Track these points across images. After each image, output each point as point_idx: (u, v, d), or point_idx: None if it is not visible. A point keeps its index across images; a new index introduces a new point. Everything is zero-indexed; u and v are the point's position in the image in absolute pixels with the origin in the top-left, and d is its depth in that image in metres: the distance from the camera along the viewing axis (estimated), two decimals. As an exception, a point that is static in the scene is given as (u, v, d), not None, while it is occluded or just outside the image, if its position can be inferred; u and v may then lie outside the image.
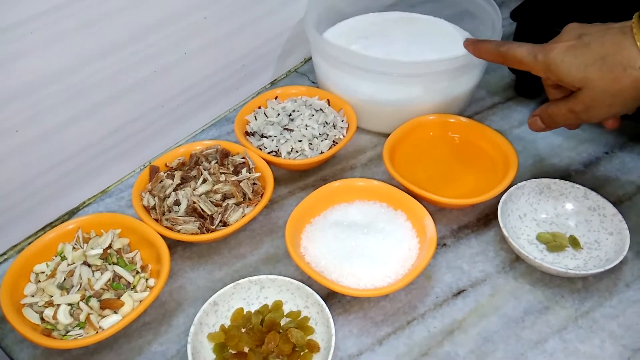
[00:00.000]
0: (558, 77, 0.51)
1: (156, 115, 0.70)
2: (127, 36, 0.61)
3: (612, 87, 0.49)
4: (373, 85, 0.69)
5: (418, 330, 0.54)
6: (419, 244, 0.58)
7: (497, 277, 0.58)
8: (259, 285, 0.55)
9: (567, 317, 0.55)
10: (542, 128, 0.58)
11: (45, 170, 0.61)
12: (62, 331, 0.51)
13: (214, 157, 0.65)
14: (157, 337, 0.54)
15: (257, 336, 0.51)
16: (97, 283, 0.54)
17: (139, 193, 0.62)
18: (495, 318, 0.55)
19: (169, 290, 0.58)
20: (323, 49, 0.70)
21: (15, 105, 0.55)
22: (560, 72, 0.51)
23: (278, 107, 0.73)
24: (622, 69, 0.48)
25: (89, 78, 0.60)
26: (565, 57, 0.50)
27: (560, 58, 0.51)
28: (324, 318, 0.51)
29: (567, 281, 0.57)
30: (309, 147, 0.67)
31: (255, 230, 0.63)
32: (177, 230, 0.58)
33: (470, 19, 0.80)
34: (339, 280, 0.54)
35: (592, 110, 0.51)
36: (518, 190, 0.62)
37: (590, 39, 0.50)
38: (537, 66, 0.53)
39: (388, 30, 0.81)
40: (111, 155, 0.67)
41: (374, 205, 0.61)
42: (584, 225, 0.61)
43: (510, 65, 0.57)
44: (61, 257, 0.57)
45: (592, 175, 0.68)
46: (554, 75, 0.52)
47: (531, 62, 0.53)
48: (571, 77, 0.50)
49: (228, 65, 0.76)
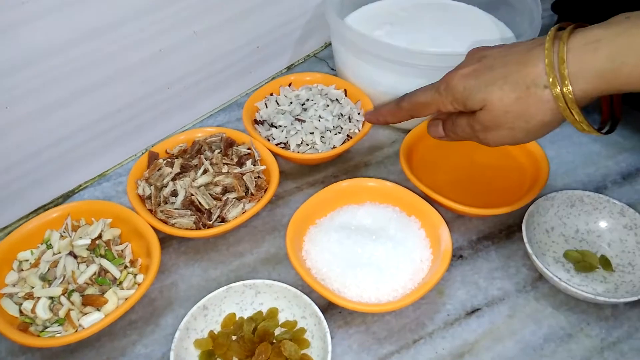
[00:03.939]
0: (463, 105, 0.47)
1: (161, 97, 0.66)
2: (132, 11, 0.57)
3: (514, 108, 0.43)
4: (395, 76, 0.64)
5: (424, 351, 0.49)
6: (431, 256, 0.53)
7: (516, 296, 0.53)
8: (254, 290, 0.50)
9: (592, 347, 0.49)
10: (442, 136, 0.53)
11: (39, 150, 0.58)
12: (40, 326, 0.48)
13: (217, 146, 0.61)
14: (142, 337, 0.51)
15: (248, 346, 0.47)
16: (82, 276, 0.50)
17: (134, 180, 0.58)
18: (511, 343, 0.50)
19: (159, 287, 0.54)
20: (343, 35, 0.65)
21: (8, 80, 0.52)
22: (463, 98, 0.46)
23: (291, 94, 0.68)
24: (525, 88, 0.42)
25: (90, 54, 0.56)
26: (466, 82, 0.46)
27: (462, 84, 0.46)
28: (321, 332, 0.47)
29: (595, 307, 0.52)
30: (321, 140, 0.62)
31: (257, 227, 0.59)
32: (171, 223, 0.54)
33: (507, 8, 0.73)
34: (340, 291, 0.50)
35: (491, 132, 0.46)
36: (547, 202, 0.56)
37: (492, 61, 0.45)
38: (445, 100, 0.48)
39: (416, 16, 0.75)
40: (111, 137, 0.64)
41: (386, 209, 0.56)
42: (617, 245, 0.55)
43: (418, 115, 0.52)
44: (47, 245, 0.53)
45: (631, 188, 0.62)
46: (460, 104, 0.47)
47: (437, 98, 0.49)
48: (471, 99, 0.45)
49: (242, 46, 0.71)
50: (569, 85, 0.41)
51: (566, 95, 0.41)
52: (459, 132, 0.50)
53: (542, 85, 0.42)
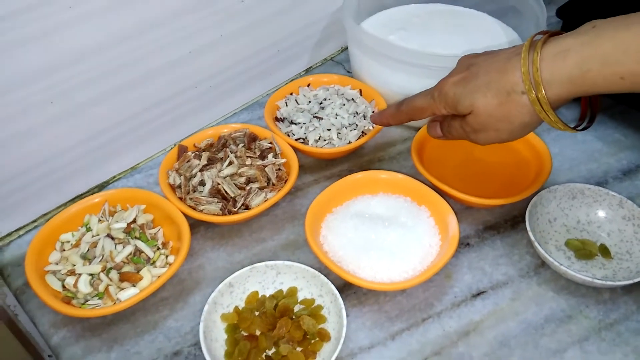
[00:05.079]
0: (455, 109, 0.51)
1: (189, 96, 0.71)
2: (164, 16, 0.62)
3: (497, 112, 0.48)
4: (407, 77, 0.68)
5: (433, 329, 0.53)
6: (440, 242, 0.57)
7: (519, 281, 0.57)
8: (275, 270, 0.55)
9: (590, 327, 0.53)
10: (439, 136, 0.57)
11: (77, 143, 0.63)
12: (81, 300, 0.53)
13: (241, 141, 0.66)
14: (172, 313, 0.55)
15: (270, 320, 0.51)
16: (119, 256, 0.55)
17: (166, 171, 0.62)
18: (514, 323, 0.53)
19: (188, 268, 0.59)
20: (359, 39, 0.69)
21: (53, 77, 0.57)
22: (454, 103, 0.51)
23: (310, 94, 0.73)
24: (505, 94, 0.47)
25: (124, 55, 0.61)
26: (455, 89, 0.50)
27: (452, 91, 0.50)
28: (337, 308, 0.51)
29: (594, 291, 0.55)
30: (337, 136, 0.67)
31: (278, 216, 0.64)
32: (199, 210, 0.59)
33: (515, 14, 0.77)
34: (355, 272, 0.54)
35: (480, 134, 0.51)
36: (549, 194, 0.60)
37: (478, 69, 0.49)
38: (439, 105, 0.53)
39: (429, 22, 0.79)
40: (143, 132, 0.69)
41: (398, 199, 0.60)
42: (616, 235, 0.59)
43: (416, 117, 0.57)
44: (87, 228, 0.58)
45: (631, 183, 0.66)
46: (452, 108, 0.52)
47: (431, 104, 0.53)
48: (461, 105, 0.50)
49: (263, 49, 0.76)
50: (543, 91, 0.45)
51: (541, 100, 0.46)
52: (454, 132, 0.54)
53: (519, 92, 0.46)
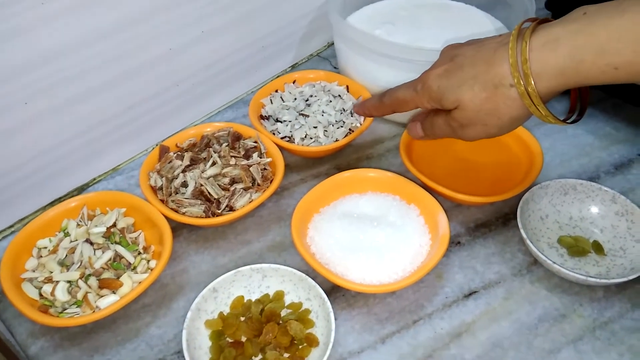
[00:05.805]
0: (439, 103, 0.50)
1: (171, 94, 0.69)
2: (143, 12, 0.60)
3: (485, 106, 0.46)
4: (394, 72, 0.66)
5: (424, 331, 0.52)
6: (430, 241, 0.55)
7: (512, 280, 0.55)
8: (261, 273, 0.53)
9: (584, 327, 0.52)
10: (421, 136, 0.56)
11: (55, 145, 0.61)
12: (59, 308, 0.51)
13: (225, 140, 0.64)
14: (155, 319, 0.53)
15: (256, 326, 0.50)
16: (98, 262, 0.53)
17: (147, 172, 0.60)
18: (507, 323, 0.52)
19: (171, 273, 0.57)
20: (345, 34, 0.67)
21: (26, 77, 0.54)
22: (438, 97, 0.49)
23: (295, 91, 0.71)
24: (493, 88, 0.45)
25: (102, 53, 0.59)
26: (440, 81, 0.48)
27: (436, 84, 0.49)
28: (325, 312, 0.49)
29: (587, 289, 0.54)
30: (324, 134, 0.65)
31: (263, 217, 0.62)
32: (182, 212, 0.57)
33: (503, 7, 0.76)
34: (343, 274, 0.52)
35: (467, 129, 0.50)
36: (541, 190, 0.59)
37: (462, 60, 0.47)
38: (422, 98, 0.51)
39: (416, 16, 0.77)
40: (124, 133, 0.66)
41: (387, 198, 0.59)
42: (609, 231, 0.58)
43: (399, 110, 0.55)
44: (64, 233, 0.56)
45: (623, 177, 0.64)
46: (436, 102, 0.50)
47: (414, 96, 0.51)
48: (446, 99, 0.48)
49: (247, 46, 0.74)
50: (532, 84, 0.43)
51: (531, 93, 0.44)
52: (437, 130, 0.52)
53: (508, 85, 0.44)
